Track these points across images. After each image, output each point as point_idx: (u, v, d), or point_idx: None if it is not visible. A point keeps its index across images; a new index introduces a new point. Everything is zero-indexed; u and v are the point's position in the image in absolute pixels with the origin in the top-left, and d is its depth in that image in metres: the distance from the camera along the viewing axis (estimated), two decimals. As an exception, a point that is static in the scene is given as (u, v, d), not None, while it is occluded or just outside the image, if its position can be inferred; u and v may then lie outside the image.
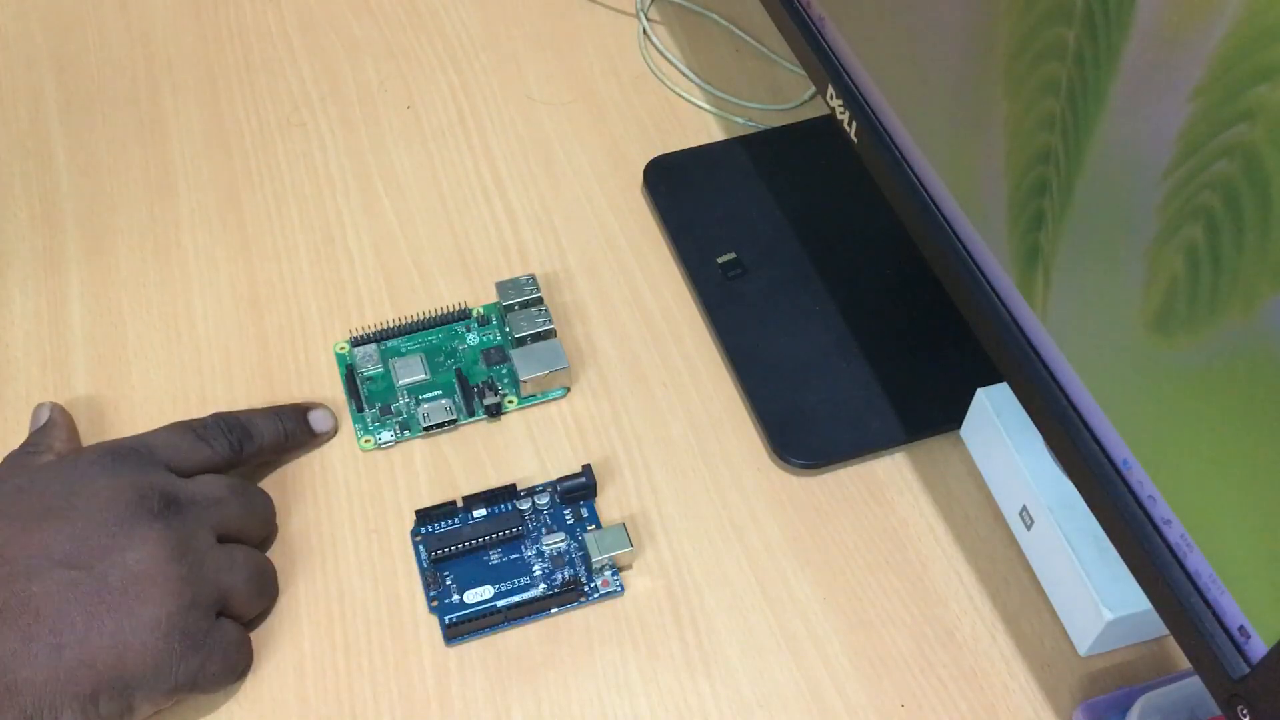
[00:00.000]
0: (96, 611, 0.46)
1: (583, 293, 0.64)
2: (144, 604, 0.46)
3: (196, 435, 0.53)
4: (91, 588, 0.46)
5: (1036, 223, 0.44)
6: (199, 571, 0.48)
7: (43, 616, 0.45)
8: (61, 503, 0.48)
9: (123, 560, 0.47)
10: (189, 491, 0.50)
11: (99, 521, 0.47)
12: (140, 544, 0.47)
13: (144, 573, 0.47)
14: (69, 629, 0.45)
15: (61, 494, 0.48)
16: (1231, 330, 0.35)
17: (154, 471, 0.50)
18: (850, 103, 0.55)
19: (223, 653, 0.49)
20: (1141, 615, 0.49)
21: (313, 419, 0.58)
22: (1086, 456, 0.44)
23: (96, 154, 0.70)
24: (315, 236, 0.66)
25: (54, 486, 0.49)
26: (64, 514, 0.48)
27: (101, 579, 0.46)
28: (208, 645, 0.48)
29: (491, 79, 0.74)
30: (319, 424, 0.58)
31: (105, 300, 0.64)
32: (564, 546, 0.55)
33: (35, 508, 0.48)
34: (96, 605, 0.46)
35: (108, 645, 0.46)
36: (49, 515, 0.48)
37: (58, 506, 0.48)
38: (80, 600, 0.46)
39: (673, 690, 0.52)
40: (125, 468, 0.50)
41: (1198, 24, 0.34)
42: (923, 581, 0.55)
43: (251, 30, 0.76)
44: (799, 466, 0.58)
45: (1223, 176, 0.34)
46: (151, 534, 0.48)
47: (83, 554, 0.47)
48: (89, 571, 0.46)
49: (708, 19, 0.78)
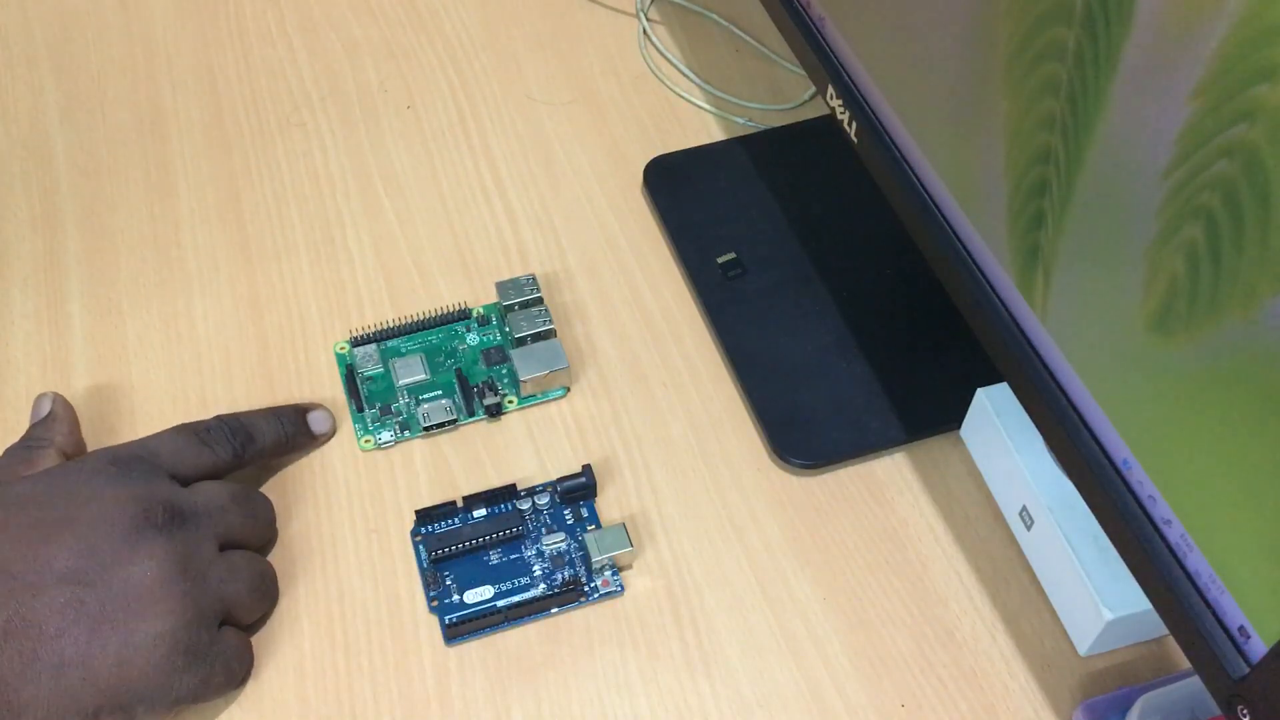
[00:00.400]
0: (99, 629, 0.46)
1: (583, 293, 0.64)
2: (147, 620, 0.46)
3: (200, 439, 0.53)
4: (95, 604, 0.46)
5: (1036, 223, 0.44)
6: (202, 585, 0.48)
7: (45, 635, 0.45)
8: (65, 515, 0.48)
9: (126, 575, 0.47)
10: (192, 502, 0.50)
11: (103, 535, 0.47)
12: (145, 559, 0.47)
13: (148, 588, 0.47)
14: (72, 647, 0.45)
15: (65, 505, 0.48)
16: (1231, 330, 0.35)
17: (158, 482, 0.50)
18: (850, 103, 0.55)
19: (225, 663, 0.49)
20: (1141, 615, 0.49)
21: (312, 420, 0.58)
22: (1086, 456, 0.44)
23: (96, 154, 0.70)
24: (315, 236, 0.66)
25: (57, 497, 0.48)
26: (67, 527, 0.47)
27: (105, 595, 0.46)
28: (210, 657, 0.48)
29: (491, 79, 0.74)
30: (318, 425, 0.58)
31: (105, 300, 0.64)
32: (564, 546, 0.55)
33: (38, 520, 0.47)
34: (99, 622, 0.46)
35: (111, 663, 0.45)
36: (52, 528, 0.47)
37: (61, 519, 0.47)
38: (83, 617, 0.45)
39: (673, 690, 0.52)
40: (129, 478, 0.49)
41: (1198, 24, 0.34)
42: (923, 581, 0.55)
43: (251, 30, 0.76)
44: (799, 466, 0.58)
45: (1223, 177, 0.34)
46: (156, 548, 0.47)
47: (86, 569, 0.46)
48: (92, 588, 0.46)
49: (708, 19, 0.78)
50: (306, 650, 0.53)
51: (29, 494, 0.49)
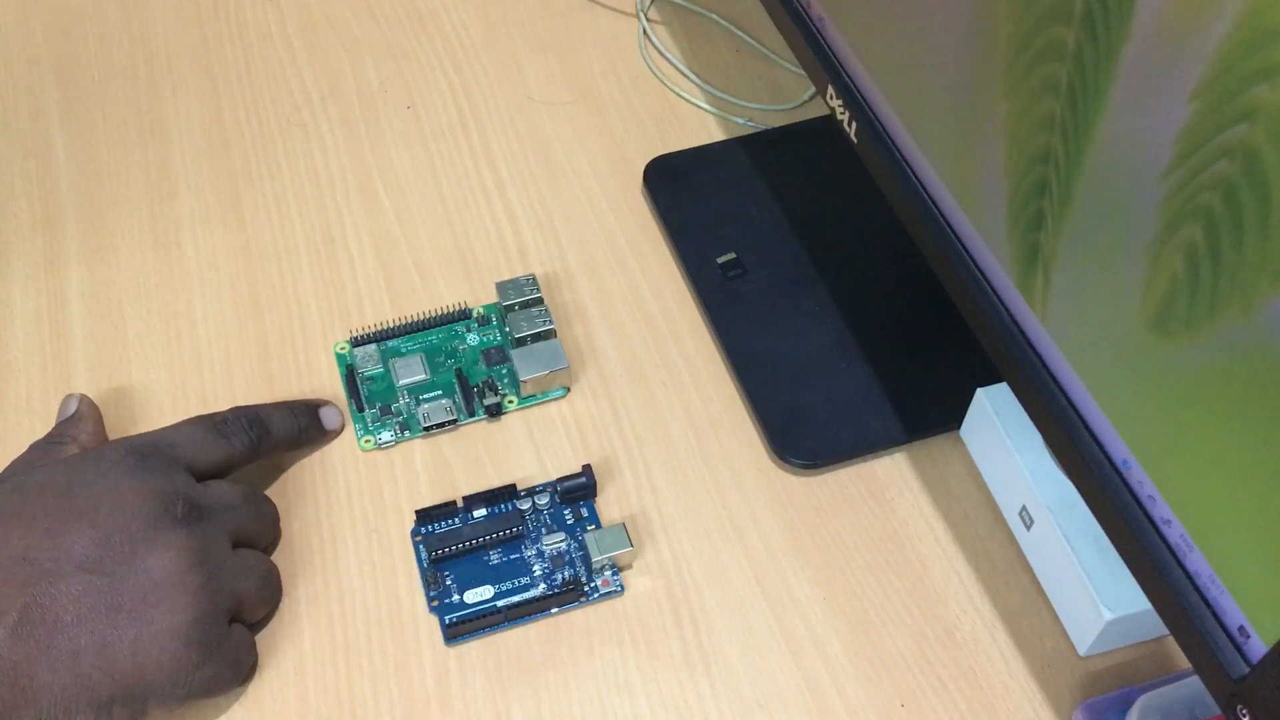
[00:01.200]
0: (116, 619, 0.46)
1: (583, 293, 0.64)
2: (164, 612, 0.46)
3: (217, 431, 0.53)
4: (112, 594, 0.46)
5: (1036, 223, 0.44)
6: (217, 580, 0.48)
7: (62, 623, 0.45)
8: (86, 504, 0.48)
9: (145, 566, 0.47)
10: (208, 498, 0.51)
11: (122, 526, 0.47)
12: (163, 550, 0.47)
13: (165, 580, 0.47)
14: (88, 636, 0.45)
15: (85, 495, 0.48)
16: (1231, 330, 0.35)
17: (176, 475, 0.50)
18: (850, 103, 0.55)
19: (235, 659, 0.49)
20: (1141, 615, 0.49)
21: (324, 416, 0.58)
22: (1086, 456, 0.44)
23: (96, 154, 0.70)
24: (315, 236, 0.66)
25: (78, 486, 0.49)
26: (88, 516, 0.47)
27: (122, 585, 0.46)
28: (222, 652, 0.48)
29: (491, 79, 0.74)
30: (329, 421, 0.58)
31: (105, 300, 0.64)
32: (564, 546, 0.55)
33: (59, 508, 0.48)
34: (116, 612, 0.46)
35: (127, 653, 0.45)
36: (73, 516, 0.47)
37: (81, 508, 0.48)
38: (101, 607, 0.46)
39: (673, 690, 0.52)
40: (148, 471, 0.50)
41: (1198, 24, 0.34)
42: (923, 581, 0.55)
43: (251, 30, 0.76)
44: (799, 466, 0.58)
45: (1222, 177, 0.34)
46: (175, 541, 0.48)
47: (105, 559, 0.46)
48: (111, 577, 0.46)
49: (708, 19, 0.78)
50: (307, 650, 0.53)
51: (49, 482, 0.49)
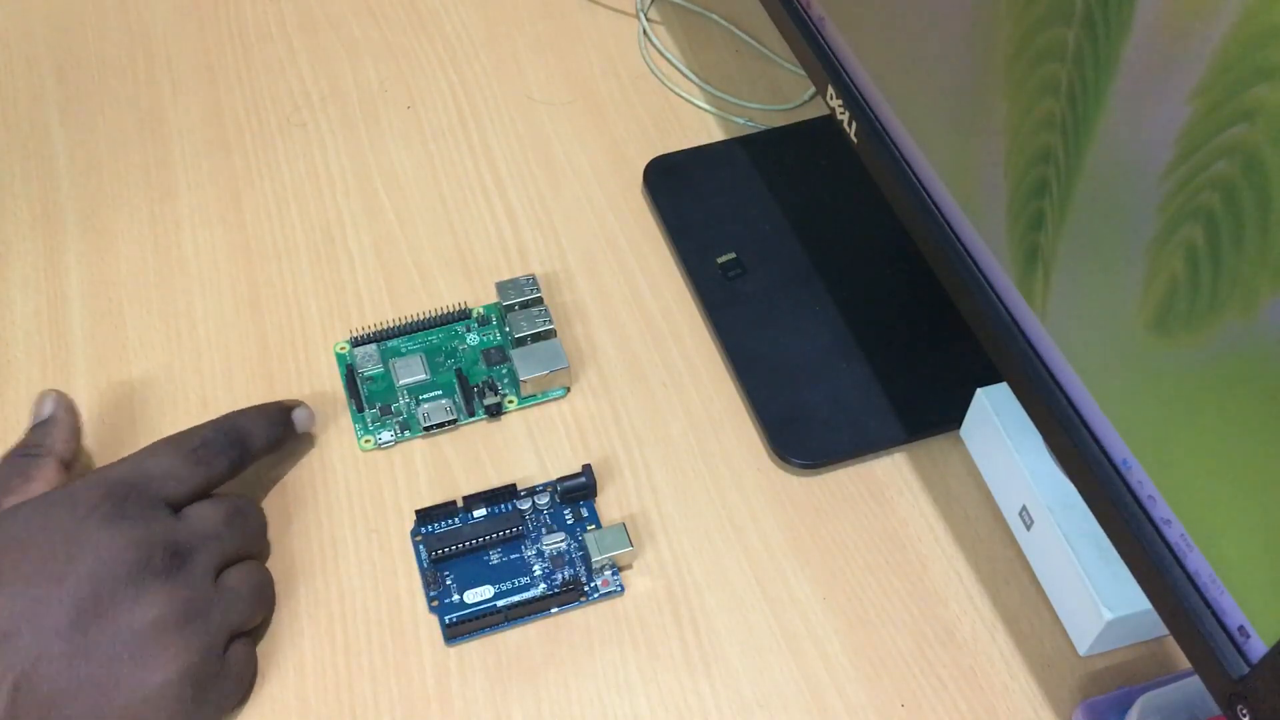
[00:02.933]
0: (106, 688, 0.45)
1: (583, 293, 0.64)
2: (156, 670, 0.45)
3: (196, 458, 0.51)
4: (101, 659, 0.45)
5: (1036, 223, 0.44)
6: (206, 622, 0.47)
7: (55, 702, 0.44)
8: (64, 567, 0.46)
9: (130, 625, 0.45)
10: (189, 534, 0.49)
11: (103, 584, 0.45)
12: (147, 607, 0.46)
13: (153, 636, 0.46)
14: (83, 707, 0.44)
15: (63, 552, 0.46)
16: (1231, 330, 0.35)
17: (155, 518, 0.48)
18: (850, 103, 0.55)
19: (236, 679, 0.49)
20: (1141, 615, 0.49)
21: (296, 419, 0.57)
22: (1086, 456, 0.44)
23: (96, 154, 0.70)
24: (315, 236, 0.66)
25: (55, 542, 0.46)
26: (68, 581, 0.45)
27: (109, 649, 0.45)
28: (221, 680, 0.48)
29: (491, 79, 0.74)
30: (301, 424, 0.57)
31: (105, 300, 0.64)
32: (564, 546, 0.55)
33: (34, 574, 0.45)
34: (106, 681, 0.45)
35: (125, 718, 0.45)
36: (50, 581, 0.45)
37: (60, 572, 0.45)
38: (90, 678, 0.44)
39: (673, 690, 0.52)
40: (126, 516, 0.47)
41: (1198, 24, 0.34)
42: (922, 581, 0.55)
43: (251, 30, 0.76)
44: (799, 466, 0.58)
45: (1222, 177, 0.34)
46: (159, 595, 0.46)
47: (90, 626, 0.45)
48: (96, 644, 0.45)
49: (708, 19, 0.78)
50: (307, 650, 0.53)
51: (23, 536, 0.47)
